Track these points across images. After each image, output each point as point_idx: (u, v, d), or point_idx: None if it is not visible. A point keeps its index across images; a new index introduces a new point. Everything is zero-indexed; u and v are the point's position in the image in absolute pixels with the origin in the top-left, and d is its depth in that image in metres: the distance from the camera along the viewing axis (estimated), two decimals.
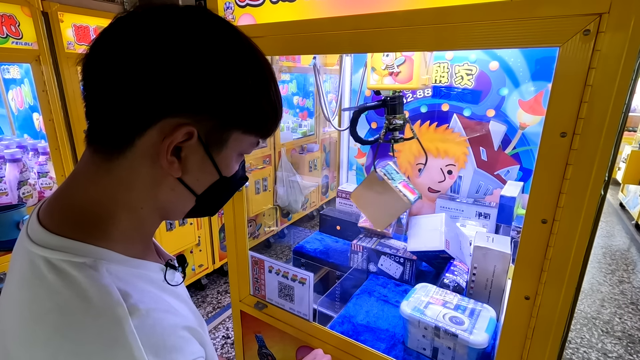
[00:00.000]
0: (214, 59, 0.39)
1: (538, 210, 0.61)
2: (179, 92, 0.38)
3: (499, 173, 1.34)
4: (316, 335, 1.04)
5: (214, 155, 0.44)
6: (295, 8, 0.77)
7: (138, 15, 0.39)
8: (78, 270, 0.37)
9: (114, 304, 0.36)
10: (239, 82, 0.41)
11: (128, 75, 0.37)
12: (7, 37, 1.65)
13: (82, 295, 0.36)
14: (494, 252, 1.00)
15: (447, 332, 0.87)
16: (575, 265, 0.60)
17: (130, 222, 0.44)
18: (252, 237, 3.20)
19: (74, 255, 0.38)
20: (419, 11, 0.65)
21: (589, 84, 0.53)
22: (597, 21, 0.51)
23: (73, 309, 0.35)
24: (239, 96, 0.42)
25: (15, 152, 1.81)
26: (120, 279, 0.40)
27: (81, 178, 0.43)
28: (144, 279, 0.44)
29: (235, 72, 0.41)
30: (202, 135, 0.41)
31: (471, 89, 1.30)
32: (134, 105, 0.38)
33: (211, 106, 0.40)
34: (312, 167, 3.73)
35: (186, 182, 0.44)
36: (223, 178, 0.47)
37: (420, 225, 1.27)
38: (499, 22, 0.59)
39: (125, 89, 0.38)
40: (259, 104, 0.44)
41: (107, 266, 0.39)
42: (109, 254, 0.40)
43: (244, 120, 0.44)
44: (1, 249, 1.62)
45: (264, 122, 0.47)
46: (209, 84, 0.39)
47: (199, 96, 0.39)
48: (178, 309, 0.45)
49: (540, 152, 0.60)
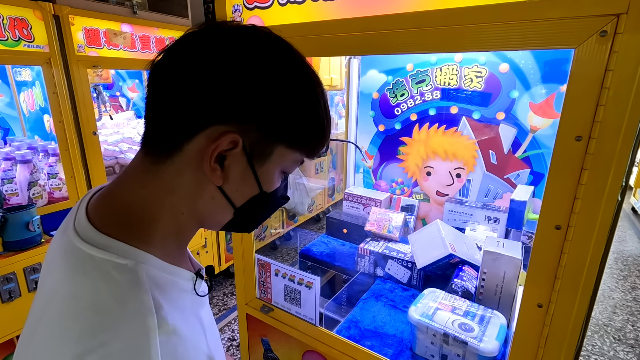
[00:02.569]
0: (264, 72, 0.40)
1: (552, 215, 0.60)
2: (228, 100, 0.40)
3: (509, 177, 1.32)
4: (322, 339, 1.02)
5: (256, 168, 0.44)
6: (304, 10, 0.77)
7: (202, 31, 0.42)
8: (119, 272, 0.38)
9: (146, 312, 0.36)
10: (288, 96, 0.42)
11: (184, 82, 0.39)
12: (19, 40, 1.68)
13: (119, 299, 0.36)
14: (505, 257, 0.98)
15: (457, 339, 0.85)
16: (591, 273, 0.59)
17: (170, 227, 0.45)
18: (258, 239, 3.20)
19: (117, 256, 0.39)
20: (427, 13, 0.64)
21: (605, 86, 0.52)
22: (615, 22, 0.49)
23: (109, 310, 0.36)
24: (287, 110, 0.42)
25: (25, 154, 1.84)
26: (158, 285, 0.40)
27: (131, 179, 0.45)
28: (178, 287, 0.45)
29: (285, 86, 0.42)
30: (246, 145, 0.42)
31: (480, 92, 1.29)
32: (186, 111, 0.40)
33: (258, 117, 0.41)
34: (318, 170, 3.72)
35: (226, 192, 0.45)
36: (263, 193, 0.47)
37: (419, 240, 1.25)
38: (511, 24, 0.57)
39: (179, 95, 0.40)
40: (307, 120, 0.44)
41: (146, 270, 0.40)
42: (150, 258, 0.41)
43: (290, 135, 0.44)
44: (11, 249, 1.64)
45: (310, 139, 0.46)
46: (257, 95, 0.40)
47: (247, 106, 0.40)
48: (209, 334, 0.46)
49: (554, 156, 0.58)
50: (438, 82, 1.36)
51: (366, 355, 0.94)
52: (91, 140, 1.97)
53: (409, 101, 1.45)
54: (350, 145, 1.68)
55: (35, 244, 1.70)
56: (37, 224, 1.69)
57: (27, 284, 1.66)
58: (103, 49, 1.98)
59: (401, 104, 1.47)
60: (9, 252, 1.63)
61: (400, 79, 1.45)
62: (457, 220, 1.38)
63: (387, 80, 1.49)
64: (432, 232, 1.23)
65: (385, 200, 1.56)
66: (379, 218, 1.45)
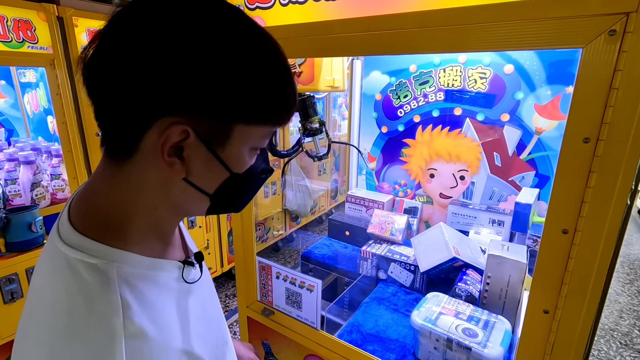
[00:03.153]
0: (201, 53, 0.36)
1: (559, 219, 0.58)
2: (168, 90, 0.36)
3: (513, 179, 1.30)
4: (324, 343, 1.01)
5: (218, 153, 0.41)
6: (306, 10, 0.76)
7: (129, 9, 0.37)
8: (89, 273, 0.38)
9: (113, 313, 0.36)
10: (231, 74, 0.38)
11: (118, 79, 0.36)
12: (23, 42, 1.68)
13: (88, 301, 0.37)
14: (509, 261, 0.96)
15: (460, 345, 0.83)
16: (599, 279, 0.57)
17: (147, 223, 0.44)
18: (261, 241, 3.20)
19: (88, 255, 0.39)
20: (431, 12, 0.63)
21: (614, 87, 0.50)
22: (624, 21, 0.48)
23: (79, 313, 0.36)
24: (232, 88, 0.38)
25: (29, 155, 1.84)
26: (129, 283, 0.40)
27: (100, 181, 0.44)
28: (155, 282, 0.44)
29: (225, 64, 0.37)
30: (200, 132, 0.39)
31: (485, 93, 1.27)
32: (128, 109, 0.37)
33: (204, 102, 0.38)
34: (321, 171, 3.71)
35: (194, 182, 0.43)
36: (234, 175, 0.44)
37: (422, 243, 1.23)
38: (517, 23, 0.56)
39: (116, 92, 0.37)
40: (259, 93, 0.40)
41: (119, 269, 0.40)
42: (125, 256, 0.41)
43: (243, 112, 0.40)
44: (14, 250, 1.64)
45: (269, 110, 0.42)
46: (197, 80, 0.36)
47: (189, 93, 0.37)
48: (184, 325, 0.44)
49: (561, 158, 0.57)
50: (441, 83, 1.35)
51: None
52: (94, 141, 1.97)
53: (412, 102, 1.44)
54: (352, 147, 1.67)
55: (38, 245, 1.70)
56: (40, 225, 1.69)
57: (29, 285, 1.66)
58: None
59: (404, 106, 1.46)
60: (12, 253, 1.63)
61: (404, 80, 1.44)
62: (460, 223, 1.37)
63: (390, 82, 1.47)
64: (435, 235, 1.21)
65: (388, 203, 1.55)
66: (382, 220, 1.43)
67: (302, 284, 1.02)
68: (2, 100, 2.32)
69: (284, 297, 1.08)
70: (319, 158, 1.16)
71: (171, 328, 0.43)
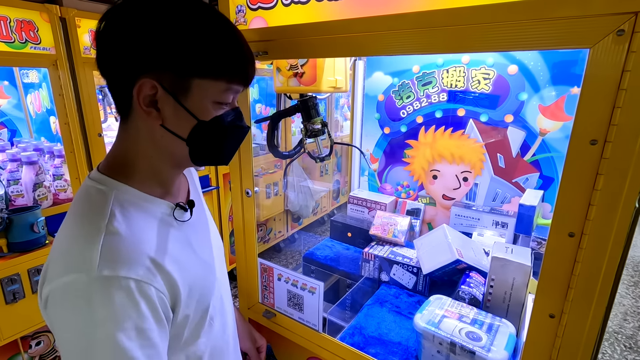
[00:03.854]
0: (158, 25, 0.50)
1: (565, 222, 0.57)
2: (140, 55, 0.51)
3: (517, 180, 1.29)
4: (325, 346, 1.00)
5: (183, 102, 0.54)
6: (308, 10, 0.76)
7: (114, 8, 0.52)
8: (96, 193, 0.55)
9: (101, 217, 0.52)
10: (182, 39, 0.51)
11: (110, 51, 0.52)
12: (26, 42, 1.69)
13: (89, 210, 0.53)
14: (514, 264, 0.95)
15: (464, 349, 0.82)
16: (606, 283, 0.56)
17: (147, 168, 0.59)
18: (262, 242, 3.19)
19: (100, 184, 0.56)
20: (434, 12, 0.62)
21: (622, 88, 0.49)
22: (633, 20, 0.47)
23: (82, 215, 0.53)
24: (184, 49, 0.51)
25: (31, 155, 1.84)
26: (121, 204, 0.55)
27: (117, 137, 0.60)
28: (145, 210, 0.57)
29: (177, 32, 0.51)
30: (166, 86, 0.52)
31: (488, 94, 1.26)
32: (119, 73, 0.53)
33: (164, 61, 0.51)
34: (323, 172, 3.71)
35: (169, 128, 0.55)
36: (202, 122, 0.55)
37: (425, 245, 1.22)
38: (522, 23, 0.55)
39: (111, 62, 0.53)
40: (205, 51, 0.52)
41: (117, 194, 0.55)
42: (124, 187, 0.56)
43: (195, 67, 0.52)
44: (16, 250, 1.64)
45: (217, 67, 0.53)
46: (159, 45, 0.50)
47: (152, 55, 0.51)
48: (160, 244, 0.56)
49: (567, 160, 0.56)
50: (445, 84, 1.34)
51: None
52: (96, 141, 1.97)
53: (415, 103, 1.43)
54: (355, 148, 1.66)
55: (40, 245, 1.70)
56: (42, 225, 1.69)
57: (31, 285, 1.66)
58: None
59: (407, 106, 1.45)
60: (14, 253, 1.63)
61: (406, 80, 1.43)
62: (464, 225, 1.35)
63: (393, 82, 1.47)
64: (438, 236, 1.20)
65: (390, 204, 1.54)
66: (384, 222, 1.42)
67: (304, 286, 1.01)
68: (5, 100, 2.33)
69: (285, 299, 1.07)
70: (321, 159, 1.15)
71: (145, 237, 0.54)
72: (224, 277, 0.77)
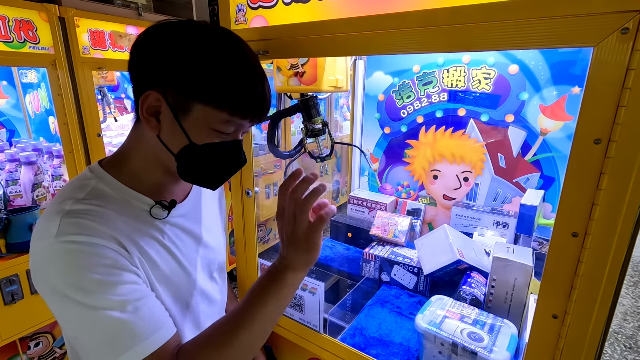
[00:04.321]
0: (177, 45, 0.55)
1: (568, 222, 0.57)
2: (151, 69, 0.56)
3: (518, 180, 1.29)
4: (326, 347, 1.00)
5: (181, 120, 0.56)
6: (309, 9, 0.75)
7: (153, 26, 0.58)
8: (82, 180, 0.61)
9: (71, 200, 0.56)
10: (191, 59, 0.54)
11: (130, 64, 0.58)
12: (25, 42, 1.68)
13: (70, 192, 0.58)
14: (515, 264, 0.95)
15: (466, 349, 0.82)
16: (610, 283, 0.56)
17: (139, 167, 0.63)
18: (262, 242, 3.18)
19: (91, 173, 0.62)
20: (436, 11, 0.62)
21: (627, 86, 0.49)
22: (638, 19, 0.47)
23: (64, 193, 0.59)
24: (192, 73, 0.54)
25: (30, 155, 1.83)
26: (100, 193, 0.59)
27: (128, 134, 0.65)
28: (124, 202, 0.61)
29: (190, 52, 0.54)
30: (170, 102, 0.56)
31: (489, 93, 1.26)
32: (134, 84, 0.59)
33: (170, 78, 0.55)
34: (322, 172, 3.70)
35: (163, 140, 0.59)
36: (193, 144, 0.58)
37: (426, 245, 1.22)
38: (524, 21, 0.55)
39: (131, 74, 0.59)
40: (213, 81, 0.54)
41: (98, 183, 0.60)
42: (109, 179, 0.61)
43: (200, 92, 0.55)
44: (15, 250, 1.63)
45: (222, 99, 0.55)
46: (168, 62, 0.54)
47: (162, 71, 0.55)
48: (125, 230, 0.58)
49: (571, 160, 0.55)
50: (445, 83, 1.34)
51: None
52: (95, 142, 1.96)
53: (416, 103, 1.42)
54: (355, 147, 1.65)
55: None
56: None
57: (29, 286, 1.65)
58: (108, 51, 1.98)
59: (407, 106, 1.45)
60: (12, 253, 1.63)
61: (407, 80, 1.42)
62: (464, 225, 1.35)
63: (393, 82, 1.46)
64: (439, 237, 1.20)
65: (390, 204, 1.53)
66: (385, 222, 1.42)
67: (305, 287, 1.00)
68: (3, 100, 2.32)
69: None
70: (322, 159, 1.14)
71: (110, 220, 0.56)
72: (215, 289, 0.81)
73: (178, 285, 0.66)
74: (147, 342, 0.53)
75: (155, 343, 0.54)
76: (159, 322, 0.56)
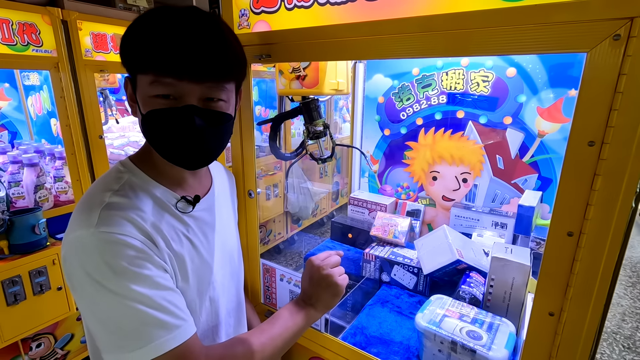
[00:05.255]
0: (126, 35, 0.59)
1: (564, 222, 0.59)
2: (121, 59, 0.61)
3: (516, 182, 1.31)
4: (328, 346, 1.01)
5: (137, 97, 0.61)
6: (311, 14, 0.77)
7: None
8: (116, 173, 0.65)
9: (107, 192, 0.61)
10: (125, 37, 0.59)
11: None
12: (28, 45, 1.69)
13: (107, 184, 0.63)
14: (514, 263, 0.96)
15: (465, 348, 0.84)
16: (604, 281, 0.57)
17: (157, 157, 0.66)
18: (263, 243, 3.20)
19: (124, 167, 0.66)
20: (435, 17, 0.63)
21: (619, 90, 0.51)
22: (629, 25, 0.49)
23: (99, 185, 0.63)
24: (124, 46, 0.59)
25: (32, 157, 1.85)
26: (132, 186, 0.63)
27: None
28: (148, 192, 0.64)
29: (127, 32, 0.59)
30: (130, 83, 0.62)
31: (487, 96, 1.28)
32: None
33: (125, 64, 0.61)
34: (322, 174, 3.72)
35: (141, 122, 0.63)
36: (143, 115, 0.61)
37: (426, 245, 1.23)
38: (521, 28, 0.57)
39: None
40: (138, 47, 0.57)
41: (130, 177, 0.65)
42: (138, 172, 0.66)
43: (132, 63, 0.59)
44: (17, 252, 1.64)
45: (147, 60, 0.57)
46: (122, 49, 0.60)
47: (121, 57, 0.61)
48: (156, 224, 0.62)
49: (566, 161, 0.57)
50: (444, 86, 1.36)
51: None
52: (97, 143, 1.98)
53: (415, 105, 1.44)
54: (356, 149, 1.67)
55: (41, 247, 1.70)
56: (43, 227, 1.69)
57: (32, 287, 1.66)
58: (110, 54, 2.00)
59: (407, 108, 1.47)
60: (15, 255, 1.64)
61: (406, 83, 1.44)
62: (463, 226, 1.37)
63: (393, 85, 1.48)
64: (438, 237, 1.21)
65: (390, 205, 1.55)
66: (385, 223, 1.44)
67: None
68: (5, 102, 2.33)
69: (287, 300, 1.08)
70: (323, 160, 1.16)
71: (143, 214, 0.60)
72: (231, 284, 0.82)
73: (201, 278, 0.69)
74: (168, 338, 0.56)
75: (177, 340, 0.56)
76: (179, 319, 0.58)
